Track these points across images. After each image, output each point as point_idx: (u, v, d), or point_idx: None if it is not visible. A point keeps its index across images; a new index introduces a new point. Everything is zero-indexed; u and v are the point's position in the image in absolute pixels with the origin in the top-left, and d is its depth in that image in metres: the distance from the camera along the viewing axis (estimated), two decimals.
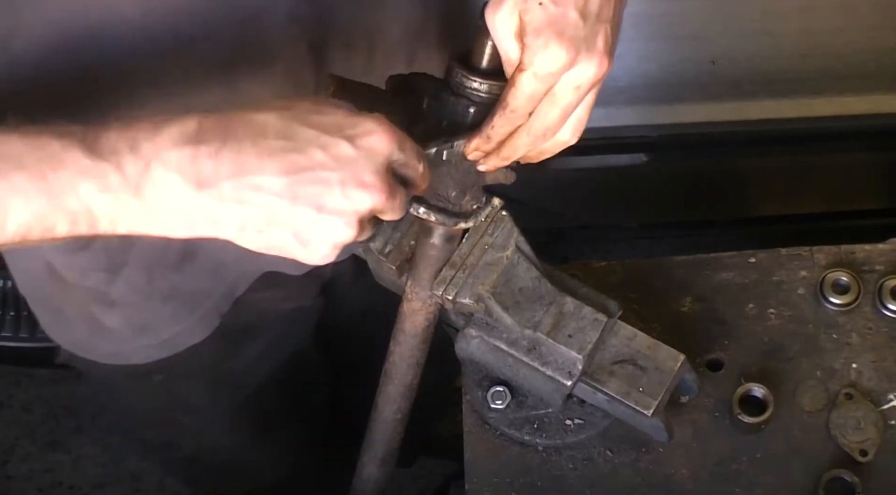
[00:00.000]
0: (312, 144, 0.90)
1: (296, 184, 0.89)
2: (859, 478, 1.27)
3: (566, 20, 0.95)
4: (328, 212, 0.91)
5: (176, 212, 0.88)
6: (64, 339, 1.40)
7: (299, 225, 0.91)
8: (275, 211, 0.89)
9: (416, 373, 1.31)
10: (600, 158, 2.10)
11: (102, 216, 0.87)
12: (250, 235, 0.91)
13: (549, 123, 1.00)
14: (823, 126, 2.01)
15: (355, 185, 0.91)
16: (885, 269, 1.41)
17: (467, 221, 1.15)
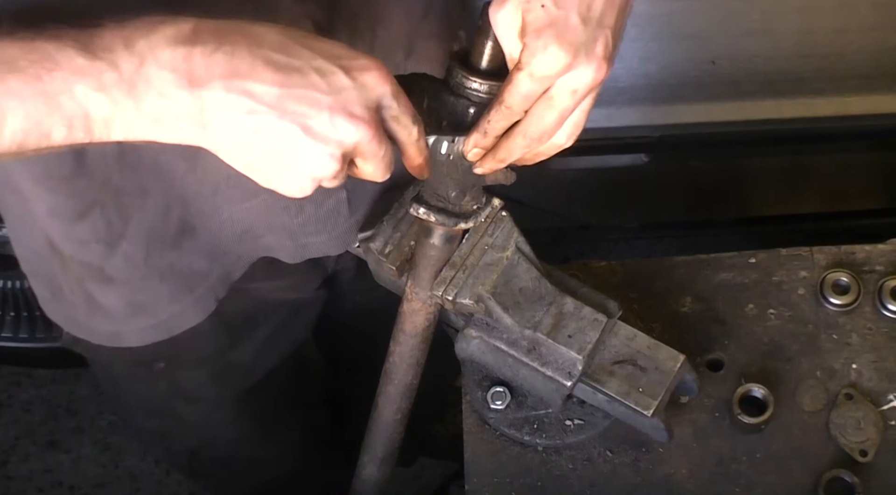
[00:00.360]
0: (308, 64, 0.90)
1: (286, 98, 0.88)
2: (859, 478, 1.27)
3: (567, 23, 0.95)
4: (313, 136, 0.90)
5: (167, 112, 0.87)
6: (62, 318, 1.39)
7: (283, 143, 0.90)
8: (261, 121, 0.88)
9: (416, 373, 1.31)
10: (600, 158, 2.10)
11: (97, 117, 0.86)
12: (234, 146, 0.90)
13: (545, 126, 1.00)
14: (823, 126, 2.01)
15: (344, 115, 0.90)
16: (885, 270, 1.41)
17: (467, 222, 1.15)
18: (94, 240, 1.22)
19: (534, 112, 0.99)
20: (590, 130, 1.07)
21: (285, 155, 0.91)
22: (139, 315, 1.34)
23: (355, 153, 0.93)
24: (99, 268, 1.26)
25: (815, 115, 1.99)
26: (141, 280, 1.28)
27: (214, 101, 0.87)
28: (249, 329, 1.49)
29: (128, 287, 1.29)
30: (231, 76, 0.87)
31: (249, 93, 0.87)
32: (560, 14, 0.95)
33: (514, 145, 1.03)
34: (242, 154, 0.91)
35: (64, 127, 0.85)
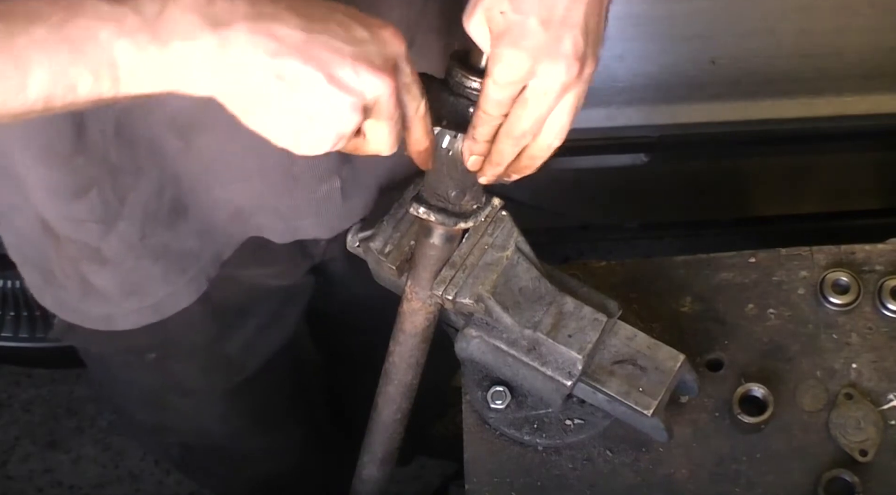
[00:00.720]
0: (331, 17, 0.90)
1: (311, 43, 0.88)
2: (859, 478, 1.27)
3: (524, 28, 0.96)
4: (337, 85, 0.89)
5: (191, 55, 0.86)
6: (53, 303, 1.38)
7: (307, 90, 0.89)
8: (286, 64, 0.87)
9: (415, 373, 1.31)
10: (600, 158, 2.10)
11: (123, 64, 0.85)
12: (256, 95, 0.89)
13: (525, 128, 1.01)
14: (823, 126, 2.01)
15: (368, 66, 0.90)
16: (885, 269, 1.41)
17: (467, 221, 1.15)
18: (91, 220, 1.21)
19: (512, 114, 1.01)
20: (590, 130, 1.08)
21: (308, 104, 0.89)
22: (133, 296, 1.32)
23: (373, 111, 0.93)
24: (95, 249, 1.24)
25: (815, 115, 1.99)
26: (136, 260, 1.27)
27: (239, 43, 0.86)
28: (240, 318, 1.49)
29: (123, 267, 1.28)
30: (255, 18, 0.86)
31: (274, 35, 0.87)
32: (517, 19, 0.96)
33: (503, 147, 1.04)
34: (263, 104, 0.89)
35: (90, 76, 0.84)
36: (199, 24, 0.86)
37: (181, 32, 0.85)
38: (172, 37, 0.85)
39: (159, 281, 1.32)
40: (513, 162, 1.07)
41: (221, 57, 0.86)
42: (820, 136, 2.05)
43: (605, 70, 1.87)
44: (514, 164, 1.07)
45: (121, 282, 1.31)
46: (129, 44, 0.84)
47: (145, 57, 0.85)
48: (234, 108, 0.90)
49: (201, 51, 0.86)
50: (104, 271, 1.28)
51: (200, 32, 0.86)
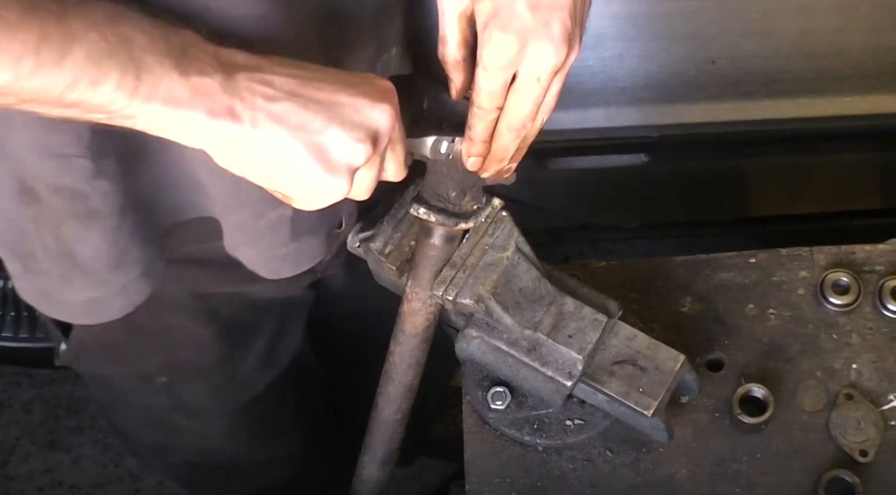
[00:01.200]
0: (321, 69, 0.95)
1: (304, 87, 0.92)
2: (859, 478, 1.27)
3: (512, 10, 0.96)
4: (339, 123, 0.93)
5: (204, 92, 0.90)
6: (35, 294, 1.30)
7: (310, 131, 0.92)
8: (283, 108, 0.91)
9: (416, 374, 1.31)
10: (600, 158, 2.10)
11: (146, 79, 0.88)
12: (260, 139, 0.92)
13: (524, 116, 1.02)
14: (823, 126, 2.01)
15: (365, 99, 0.94)
16: (886, 270, 1.41)
17: (467, 222, 1.15)
18: (78, 154, 1.13)
19: (508, 105, 1.01)
20: (590, 130, 1.08)
21: (314, 146, 0.93)
22: (119, 269, 1.24)
23: (382, 138, 0.95)
24: (83, 196, 1.16)
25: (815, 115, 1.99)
26: (121, 215, 1.19)
27: (240, 87, 0.90)
28: (247, 337, 1.48)
29: (109, 224, 1.20)
30: (252, 68, 0.92)
31: (269, 82, 0.91)
32: (504, 2, 0.96)
33: (504, 141, 1.04)
34: (266, 153, 0.92)
35: (116, 77, 0.87)
36: (211, 65, 0.90)
37: (198, 69, 0.89)
38: (191, 70, 0.89)
39: (141, 241, 1.24)
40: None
41: (228, 100, 0.90)
42: (820, 136, 2.05)
43: (605, 70, 1.87)
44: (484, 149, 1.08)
45: (107, 248, 1.22)
46: (156, 63, 0.88)
47: (166, 80, 0.88)
48: (233, 160, 0.94)
49: (211, 90, 0.90)
50: (90, 233, 1.20)
51: (213, 72, 0.90)
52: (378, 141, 0.96)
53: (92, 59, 0.86)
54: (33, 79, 0.85)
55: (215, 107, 0.90)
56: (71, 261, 1.22)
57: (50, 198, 1.16)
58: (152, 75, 0.88)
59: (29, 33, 0.84)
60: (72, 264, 1.23)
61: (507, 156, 1.06)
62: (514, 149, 1.06)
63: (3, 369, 2.53)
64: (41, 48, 0.84)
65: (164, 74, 0.88)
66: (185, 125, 0.91)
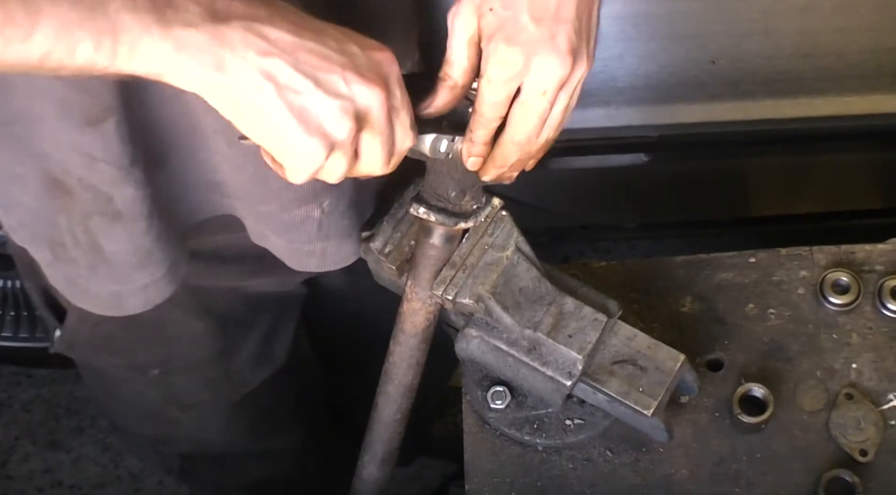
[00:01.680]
0: (324, 30, 0.92)
1: (299, 48, 0.90)
2: (859, 478, 1.27)
3: (517, 24, 0.96)
4: (325, 89, 0.90)
5: (190, 43, 0.87)
6: (64, 282, 1.32)
7: (295, 93, 0.90)
8: (275, 64, 0.89)
9: (416, 373, 1.31)
10: (600, 158, 2.09)
11: (124, 41, 0.86)
12: (245, 94, 0.90)
13: (528, 130, 1.01)
14: (823, 126, 2.01)
15: (356, 75, 0.91)
16: (885, 269, 1.41)
17: (467, 221, 1.15)
18: (104, 160, 1.15)
19: (512, 118, 1.00)
20: (590, 130, 1.08)
21: (297, 108, 0.90)
22: (143, 266, 1.26)
23: (365, 123, 0.93)
24: (107, 198, 1.18)
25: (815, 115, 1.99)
26: (148, 218, 1.21)
27: (233, 38, 0.88)
28: (242, 331, 1.48)
29: (134, 227, 1.21)
30: (249, 18, 0.89)
31: (265, 36, 0.89)
32: (508, 15, 0.96)
33: (507, 152, 1.04)
34: (251, 106, 0.91)
35: (91, 42, 0.85)
36: (200, 16, 0.87)
37: (183, 20, 0.87)
38: (174, 23, 0.86)
39: (165, 244, 1.26)
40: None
41: (217, 50, 0.88)
42: (820, 136, 2.05)
43: (605, 70, 1.87)
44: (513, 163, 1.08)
45: (132, 248, 1.24)
46: (135, 21, 0.85)
47: (146, 37, 0.86)
48: (223, 107, 0.91)
49: (200, 40, 0.87)
50: (116, 230, 1.22)
51: (201, 22, 0.87)
52: (364, 120, 0.94)
53: (63, 30, 0.84)
54: (6, 53, 0.84)
55: (202, 59, 0.88)
56: (99, 254, 1.23)
57: (80, 191, 1.17)
58: (130, 34, 0.86)
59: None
60: (99, 256, 1.23)
61: (506, 164, 1.06)
62: (516, 158, 1.06)
63: (3, 369, 2.53)
64: (5, 27, 0.82)
65: (144, 32, 0.86)
66: (175, 74, 0.89)
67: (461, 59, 1.00)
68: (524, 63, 0.97)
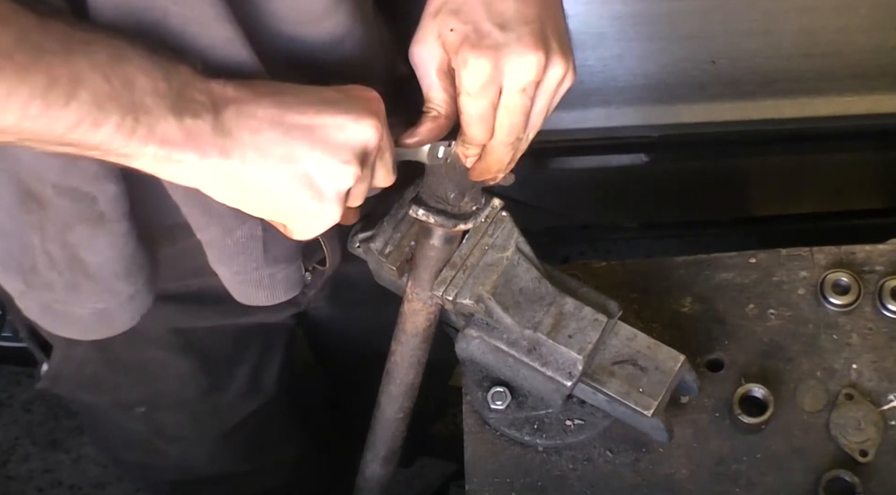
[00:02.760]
0: (304, 90, 0.95)
1: (286, 114, 0.92)
2: (859, 478, 1.27)
3: (478, 32, 0.96)
4: (322, 147, 0.93)
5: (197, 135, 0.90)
6: (40, 310, 1.25)
7: (294, 162, 0.92)
8: (268, 141, 0.92)
9: (417, 373, 1.31)
10: (600, 158, 2.10)
11: (144, 121, 0.88)
12: (250, 174, 0.92)
13: (516, 129, 1.01)
14: (823, 126, 2.01)
15: (346, 115, 0.93)
16: (886, 270, 1.41)
17: (466, 223, 1.15)
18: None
19: (499, 122, 1.00)
20: (590, 130, 1.08)
21: (300, 177, 0.93)
22: (129, 273, 1.20)
23: (370, 154, 0.95)
24: (90, 200, 1.12)
25: (815, 115, 1.99)
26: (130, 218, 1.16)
27: (229, 123, 0.91)
28: (228, 369, 1.47)
29: (119, 228, 1.16)
30: (238, 102, 0.91)
31: (253, 114, 0.91)
32: (468, 27, 0.96)
33: (499, 154, 1.05)
34: (258, 186, 0.93)
35: (116, 118, 0.87)
36: (204, 106, 0.90)
37: (192, 110, 0.89)
38: (185, 112, 0.89)
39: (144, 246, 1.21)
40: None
41: (215, 140, 0.91)
42: (820, 136, 2.05)
43: (605, 70, 1.87)
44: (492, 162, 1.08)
45: (116, 255, 1.18)
46: (155, 104, 0.88)
47: (163, 122, 0.89)
48: (229, 195, 0.95)
49: (203, 132, 0.90)
50: (99, 238, 1.16)
51: (205, 113, 0.90)
52: (366, 157, 0.96)
53: (96, 102, 0.86)
54: (38, 120, 0.85)
55: (206, 148, 0.91)
56: (79, 270, 1.18)
57: (56, 200, 1.12)
58: (150, 117, 0.88)
59: (38, 76, 0.84)
60: (80, 273, 1.19)
61: (502, 167, 1.07)
62: (509, 159, 1.06)
63: (3, 369, 2.53)
64: (49, 92, 0.84)
65: (161, 117, 0.88)
66: (178, 165, 0.91)
67: (438, 91, 1.00)
68: (495, 66, 0.96)
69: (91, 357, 1.33)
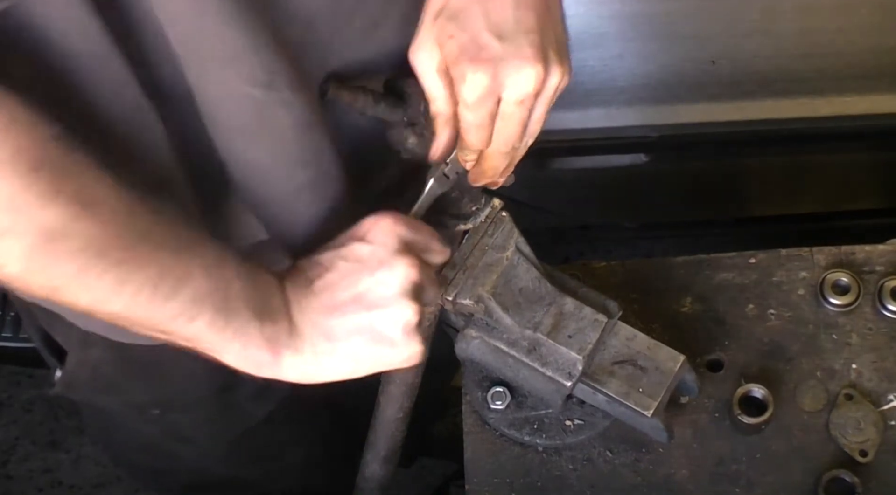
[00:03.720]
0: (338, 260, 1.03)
1: (335, 296, 1.00)
2: (859, 478, 1.27)
3: (477, 43, 0.95)
4: (376, 306, 1.00)
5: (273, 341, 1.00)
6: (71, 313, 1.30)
7: (360, 330, 1.00)
8: (330, 327, 1.00)
9: (417, 373, 1.31)
10: (600, 158, 2.10)
11: (233, 322, 0.96)
12: (327, 359, 1.02)
13: (512, 139, 1.02)
14: (823, 126, 2.01)
15: (382, 268, 1.00)
16: (885, 270, 1.41)
17: (466, 223, 1.15)
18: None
19: (497, 132, 1.01)
20: (589, 130, 1.08)
21: (369, 339, 1.01)
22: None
23: (417, 284, 1.02)
24: None
25: (815, 115, 1.99)
26: None
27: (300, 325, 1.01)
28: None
29: None
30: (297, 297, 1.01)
31: (311, 308, 1.01)
32: (467, 37, 0.95)
33: (496, 163, 1.05)
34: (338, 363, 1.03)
35: (209, 316, 0.94)
36: (281, 313, 1.00)
37: (272, 319, 1.00)
38: (266, 320, 0.99)
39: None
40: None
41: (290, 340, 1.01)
42: (820, 136, 2.05)
43: (605, 70, 1.87)
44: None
45: None
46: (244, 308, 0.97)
47: (247, 328, 0.98)
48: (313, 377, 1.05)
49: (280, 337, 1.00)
50: None
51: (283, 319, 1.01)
52: (417, 289, 1.02)
53: (196, 299, 0.91)
54: (141, 309, 0.89)
55: (281, 349, 1.00)
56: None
57: None
58: (239, 321, 0.95)
59: (152, 267, 0.88)
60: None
61: (497, 173, 1.07)
62: (505, 165, 1.06)
63: (3, 369, 2.53)
64: (160, 284, 0.89)
65: (248, 322, 0.96)
66: (255, 363, 1.00)
67: (440, 90, 0.99)
68: (493, 79, 0.95)
69: (106, 358, 1.34)
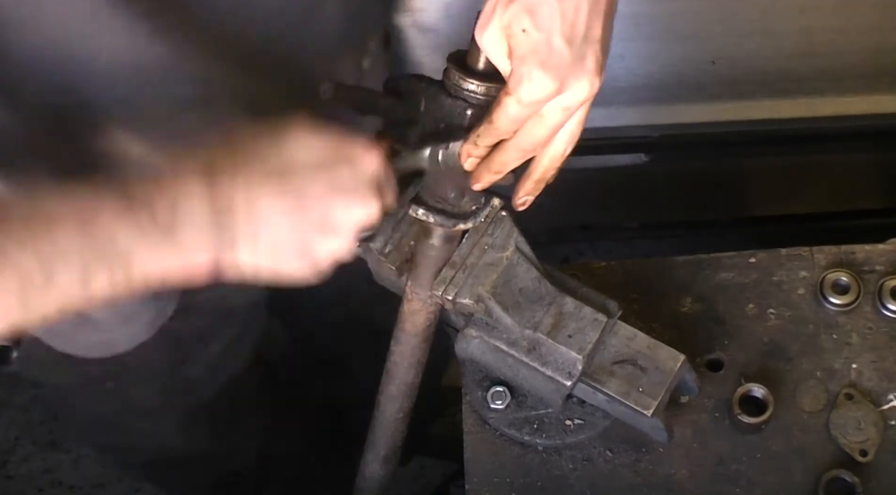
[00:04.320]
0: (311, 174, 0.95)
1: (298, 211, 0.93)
2: (859, 478, 1.27)
3: (550, 48, 0.94)
4: (330, 228, 0.95)
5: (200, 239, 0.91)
6: (46, 332, 1.36)
7: (303, 240, 0.94)
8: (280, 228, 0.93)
9: (417, 372, 1.31)
10: (600, 158, 2.10)
11: (137, 262, 0.88)
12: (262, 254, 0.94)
13: (536, 140, 1.01)
14: (823, 126, 2.01)
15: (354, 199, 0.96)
16: (885, 270, 1.41)
17: (466, 222, 1.15)
18: None
19: (525, 128, 0.99)
20: (590, 130, 1.07)
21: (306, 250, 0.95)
22: (127, 323, 1.32)
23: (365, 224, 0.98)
24: None
25: (815, 115, 1.99)
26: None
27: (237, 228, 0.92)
28: (200, 344, 1.48)
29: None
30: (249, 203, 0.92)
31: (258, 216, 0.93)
32: (541, 38, 0.94)
33: (508, 158, 1.03)
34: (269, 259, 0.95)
35: (107, 271, 0.87)
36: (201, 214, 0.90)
37: (191, 225, 0.90)
38: (184, 233, 0.89)
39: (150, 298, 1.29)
40: (524, 179, 1.06)
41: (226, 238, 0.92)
42: (820, 136, 2.05)
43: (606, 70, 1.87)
44: (526, 183, 1.07)
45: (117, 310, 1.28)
46: (145, 245, 0.88)
47: (158, 254, 0.89)
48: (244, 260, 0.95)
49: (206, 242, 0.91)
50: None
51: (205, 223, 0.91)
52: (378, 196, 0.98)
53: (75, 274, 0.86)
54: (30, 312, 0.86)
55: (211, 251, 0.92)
56: (81, 317, 1.23)
57: None
58: (144, 259, 0.89)
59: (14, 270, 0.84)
60: (82, 319, 1.27)
61: (503, 171, 1.05)
62: (515, 165, 1.05)
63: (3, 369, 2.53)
64: (24, 291, 0.84)
65: (156, 257, 0.89)
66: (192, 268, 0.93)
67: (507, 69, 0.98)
68: (557, 88, 0.95)
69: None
